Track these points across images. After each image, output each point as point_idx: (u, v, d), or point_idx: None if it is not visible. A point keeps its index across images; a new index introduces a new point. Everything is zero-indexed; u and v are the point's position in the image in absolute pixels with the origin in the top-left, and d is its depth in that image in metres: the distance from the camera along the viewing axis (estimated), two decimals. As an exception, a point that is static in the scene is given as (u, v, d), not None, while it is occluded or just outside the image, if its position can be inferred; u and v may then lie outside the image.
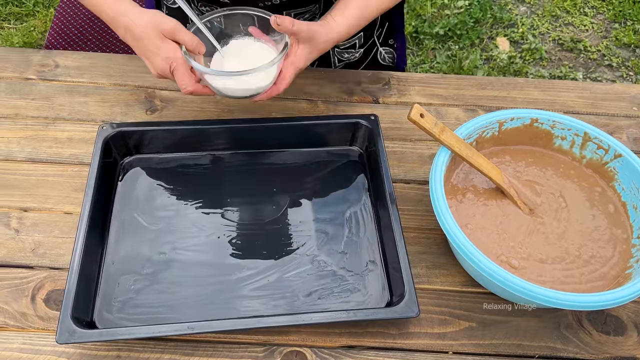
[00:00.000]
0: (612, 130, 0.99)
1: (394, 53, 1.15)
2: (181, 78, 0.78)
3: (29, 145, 0.92)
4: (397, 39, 1.13)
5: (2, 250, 0.80)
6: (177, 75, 0.78)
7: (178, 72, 0.78)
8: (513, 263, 0.76)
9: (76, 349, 0.72)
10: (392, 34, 1.12)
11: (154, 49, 0.78)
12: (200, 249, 0.81)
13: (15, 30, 2.18)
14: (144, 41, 0.78)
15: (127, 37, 0.80)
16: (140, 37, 0.78)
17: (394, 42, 1.14)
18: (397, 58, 1.14)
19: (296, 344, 0.74)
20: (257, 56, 0.83)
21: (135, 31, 0.78)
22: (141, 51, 0.80)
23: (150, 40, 0.78)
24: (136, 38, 0.79)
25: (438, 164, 0.78)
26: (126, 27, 0.79)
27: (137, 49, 0.80)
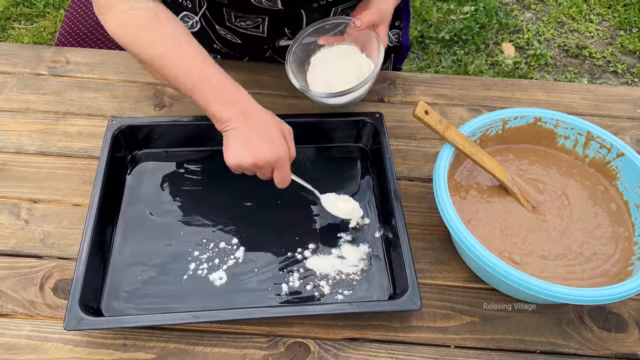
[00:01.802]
0: (615, 132, 1.00)
1: (399, 32, 1.16)
2: (288, 174, 0.79)
3: (39, 138, 0.94)
4: (402, 19, 1.14)
5: (12, 240, 0.82)
6: (282, 171, 0.78)
7: (286, 169, 0.78)
8: (515, 259, 0.77)
9: (83, 337, 0.73)
10: (398, 14, 1.13)
11: (268, 137, 0.76)
12: (208, 241, 0.82)
13: (26, 30, 2.21)
14: (259, 128, 0.76)
15: (235, 119, 0.76)
16: (257, 123, 0.76)
17: (400, 23, 1.15)
18: (402, 37, 1.15)
19: (300, 335, 0.74)
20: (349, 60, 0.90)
21: (254, 117, 0.77)
22: (248, 136, 0.76)
23: (267, 129, 0.76)
24: (251, 122, 0.76)
25: (442, 161, 0.79)
26: (244, 111, 0.77)
27: (243, 132, 0.76)
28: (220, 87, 0.77)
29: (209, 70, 0.78)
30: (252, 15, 0.93)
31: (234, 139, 0.76)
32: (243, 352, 0.73)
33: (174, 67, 0.77)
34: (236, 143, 0.76)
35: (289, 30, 0.97)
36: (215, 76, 0.77)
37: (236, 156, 0.76)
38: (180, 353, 0.72)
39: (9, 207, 0.85)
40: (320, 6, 0.92)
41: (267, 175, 0.79)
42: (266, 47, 1.03)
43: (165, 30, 0.79)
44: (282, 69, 1.06)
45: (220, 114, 0.76)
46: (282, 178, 0.78)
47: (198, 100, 0.78)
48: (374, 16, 0.84)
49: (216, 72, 0.78)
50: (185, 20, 1.01)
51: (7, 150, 0.92)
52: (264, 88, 1.03)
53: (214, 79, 0.77)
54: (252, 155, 0.75)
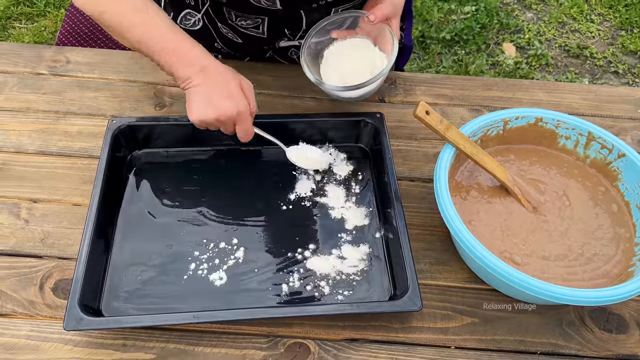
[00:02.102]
0: (616, 132, 1.00)
1: (402, 33, 1.16)
2: (250, 128, 0.83)
3: (39, 138, 0.94)
4: (405, 20, 1.14)
5: (11, 239, 0.82)
6: (244, 126, 0.82)
7: (247, 123, 0.82)
8: (516, 259, 0.77)
9: (83, 337, 0.73)
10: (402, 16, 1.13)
11: (228, 93, 0.79)
12: (208, 241, 0.82)
13: (26, 30, 2.21)
14: (219, 84, 0.79)
15: (195, 77, 0.79)
16: (216, 80, 0.80)
17: (402, 24, 1.15)
18: (404, 37, 1.15)
19: (300, 336, 0.74)
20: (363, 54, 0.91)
21: (213, 74, 0.80)
22: (209, 92, 0.79)
23: (226, 85, 0.80)
24: (211, 79, 0.80)
25: (443, 161, 0.79)
26: (204, 68, 0.80)
27: (204, 89, 0.80)
28: (180, 47, 0.80)
29: (170, 34, 0.81)
30: (252, 15, 0.93)
31: (196, 96, 0.80)
32: (243, 352, 0.73)
33: (138, 31, 0.80)
34: (198, 100, 0.79)
35: (289, 31, 0.97)
36: (176, 38, 0.81)
37: (198, 112, 0.79)
38: (180, 353, 0.72)
39: (9, 206, 0.85)
40: (319, 6, 0.91)
41: (230, 130, 0.82)
42: (266, 47, 1.03)
43: None
44: (282, 69, 1.06)
45: (180, 73, 0.80)
46: (245, 132, 0.82)
47: (160, 62, 0.81)
48: (387, 10, 0.85)
49: (177, 35, 0.81)
50: (187, 18, 1.01)
51: (7, 149, 0.92)
52: (264, 88, 1.03)
53: (174, 41, 0.80)
54: (214, 111, 0.79)
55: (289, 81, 1.03)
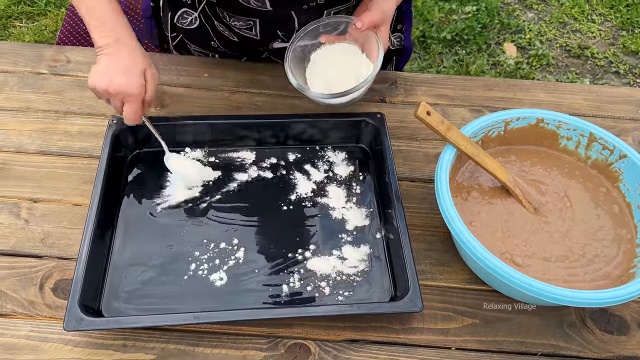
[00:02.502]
0: (617, 133, 1.00)
1: (402, 35, 1.15)
2: (137, 113, 0.83)
3: (39, 137, 0.94)
4: (404, 22, 1.13)
5: (11, 239, 0.82)
6: (132, 107, 0.82)
7: (135, 105, 0.82)
8: (517, 261, 0.76)
9: (83, 337, 0.73)
10: (400, 17, 1.13)
11: (128, 70, 0.81)
12: (208, 242, 0.82)
13: (27, 29, 2.21)
14: (124, 59, 0.81)
15: (108, 46, 0.82)
16: (125, 55, 0.82)
17: (402, 26, 1.14)
18: (404, 39, 1.15)
19: (300, 337, 0.74)
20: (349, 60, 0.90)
21: (125, 49, 0.82)
22: (113, 63, 0.81)
23: (131, 63, 0.82)
24: (120, 52, 0.81)
25: (444, 162, 0.78)
26: (119, 40, 0.82)
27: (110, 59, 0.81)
28: (105, 17, 0.82)
29: (107, 5, 0.83)
30: (243, 17, 0.93)
31: (99, 64, 0.82)
32: (243, 353, 0.72)
33: None
34: (98, 67, 0.81)
35: (282, 32, 0.97)
36: (104, 8, 0.83)
37: (93, 79, 0.81)
38: (180, 354, 0.72)
39: (9, 206, 0.85)
40: (310, 8, 0.91)
41: (118, 107, 0.83)
42: (261, 49, 1.03)
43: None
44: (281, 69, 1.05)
45: (97, 40, 0.82)
46: (131, 113, 0.82)
47: (87, 26, 0.83)
48: (375, 17, 0.84)
49: (113, 9, 0.83)
50: (184, 16, 1.01)
51: (8, 149, 0.92)
52: (264, 88, 1.03)
53: (101, 10, 0.83)
54: (106, 82, 0.80)
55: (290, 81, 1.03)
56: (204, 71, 1.05)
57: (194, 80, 1.03)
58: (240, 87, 1.03)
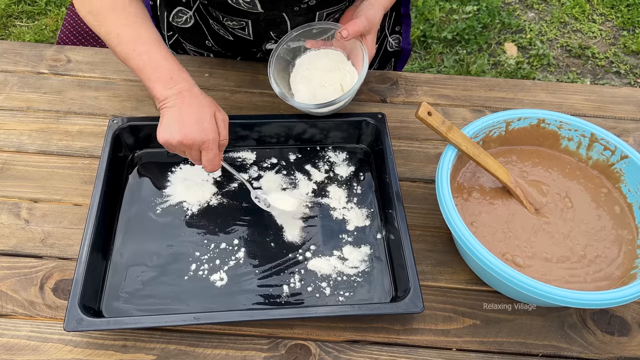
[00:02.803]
0: (619, 133, 0.99)
1: (400, 37, 1.15)
2: (216, 158, 0.80)
3: (40, 137, 0.93)
4: (402, 23, 1.13)
5: (12, 239, 0.81)
6: (209, 155, 0.79)
7: (214, 153, 0.79)
8: (518, 261, 0.76)
9: (83, 338, 0.73)
10: (399, 19, 1.13)
11: (199, 118, 0.77)
12: (208, 242, 0.82)
13: (27, 28, 2.21)
14: (192, 108, 0.78)
15: (172, 98, 0.78)
16: (192, 104, 0.78)
17: (400, 28, 1.14)
18: (402, 41, 1.15)
19: (301, 337, 0.74)
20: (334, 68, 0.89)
21: (190, 98, 0.78)
22: (182, 114, 0.77)
23: (200, 110, 0.78)
24: (186, 102, 0.78)
25: (445, 162, 0.78)
26: (182, 91, 0.78)
27: (177, 111, 0.78)
28: (163, 68, 0.79)
29: (157, 53, 0.80)
30: (236, 18, 0.93)
31: (168, 117, 0.78)
32: (244, 353, 0.72)
33: (127, 47, 0.80)
34: (169, 121, 0.78)
35: (274, 33, 0.97)
36: (161, 58, 0.80)
37: (165, 133, 0.78)
38: (180, 354, 0.72)
39: (9, 206, 0.85)
40: (301, 9, 0.91)
41: (195, 157, 0.80)
42: (255, 49, 1.03)
43: (124, 11, 0.80)
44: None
45: (159, 92, 0.79)
46: (209, 162, 0.79)
47: (144, 80, 0.80)
48: (361, 26, 0.83)
49: (163, 55, 0.80)
50: (179, 15, 1.01)
51: (8, 149, 0.92)
52: (264, 88, 1.03)
53: (158, 61, 0.79)
54: (180, 134, 0.77)
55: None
56: (205, 71, 1.05)
57: (195, 80, 1.02)
58: (241, 87, 1.03)
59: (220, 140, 0.80)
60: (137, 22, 0.80)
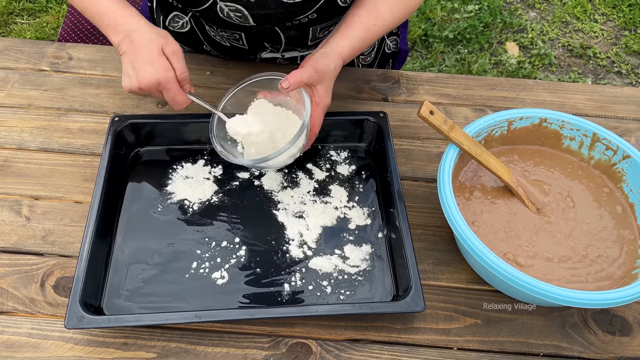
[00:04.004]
0: (621, 133, 0.99)
1: (398, 38, 1.15)
2: (178, 96, 0.78)
3: (41, 135, 0.93)
4: (400, 26, 1.13)
5: (13, 237, 0.81)
6: (169, 94, 0.78)
7: (173, 91, 0.78)
8: (519, 261, 0.76)
9: (84, 335, 0.73)
10: None
11: (148, 59, 0.77)
12: (209, 240, 0.81)
13: (28, 25, 2.20)
14: (140, 50, 0.77)
15: (122, 44, 0.79)
16: (139, 45, 0.77)
17: (398, 30, 1.14)
18: (400, 42, 1.15)
19: (301, 336, 0.74)
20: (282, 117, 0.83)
21: (137, 39, 0.78)
22: (132, 59, 0.78)
23: (147, 50, 0.77)
24: (134, 45, 0.77)
25: (446, 161, 0.78)
26: (129, 33, 0.78)
27: (129, 57, 0.78)
28: (112, 15, 0.79)
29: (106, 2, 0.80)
30: (228, 30, 0.92)
31: (124, 64, 0.78)
32: (244, 352, 0.72)
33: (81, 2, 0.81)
34: (126, 67, 0.78)
35: (269, 44, 0.97)
36: (110, 6, 0.80)
37: (125, 82, 0.78)
38: (181, 352, 0.72)
39: (10, 203, 0.85)
40: (294, 25, 0.90)
41: (162, 98, 0.80)
42: (252, 57, 1.03)
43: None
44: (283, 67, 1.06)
45: (113, 41, 0.79)
46: (172, 100, 0.78)
47: (100, 28, 0.81)
48: (305, 76, 0.78)
49: (113, 2, 0.80)
50: (175, 20, 1.01)
51: (9, 146, 0.92)
52: (267, 86, 1.02)
53: (105, 9, 0.80)
54: (136, 80, 0.76)
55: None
56: (207, 69, 1.05)
57: (197, 77, 1.03)
58: (243, 85, 1.03)
59: (178, 75, 0.78)
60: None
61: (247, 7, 0.85)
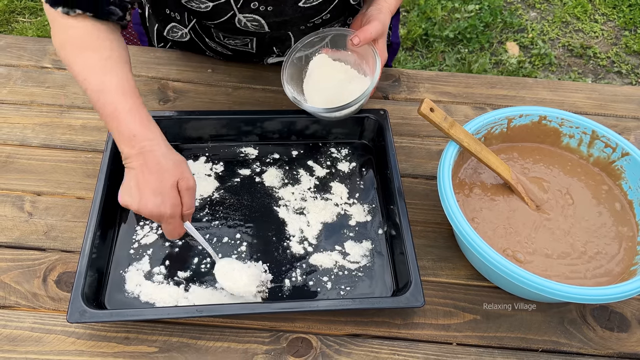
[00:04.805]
0: (620, 132, 1.00)
1: (390, 32, 1.16)
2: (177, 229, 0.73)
3: (43, 131, 0.94)
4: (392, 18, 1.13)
5: (15, 232, 0.82)
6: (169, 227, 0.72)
7: (172, 226, 0.72)
8: (519, 257, 0.77)
9: (85, 330, 0.73)
10: None
11: (158, 189, 0.70)
12: (211, 236, 0.82)
13: (30, 24, 2.21)
14: (152, 177, 0.70)
15: (133, 159, 0.71)
16: (153, 171, 0.70)
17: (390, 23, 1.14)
18: (391, 35, 1.15)
19: (302, 331, 0.74)
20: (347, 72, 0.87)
21: (152, 163, 0.70)
22: (140, 180, 0.70)
23: (159, 180, 0.70)
24: (148, 168, 0.70)
25: (446, 158, 0.79)
26: (144, 152, 0.70)
27: (137, 176, 0.71)
28: (126, 123, 0.71)
29: (122, 104, 0.72)
30: (240, 36, 0.93)
31: (128, 179, 0.72)
32: (245, 346, 0.73)
33: (93, 95, 0.73)
34: (128, 184, 0.72)
35: (278, 49, 0.97)
36: (125, 111, 0.72)
37: (124, 198, 0.72)
38: (182, 347, 0.72)
39: (12, 199, 0.85)
40: (307, 27, 0.91)
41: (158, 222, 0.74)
42: (256, 60, 1.04)
43: (95, 52, 0.74)
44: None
45: (122, 150, 0.72)
46: (169, 232, 0.73)
47: (110, 131, 0.74)
48: (374, 31, 0.81)
49: (129, 107, 0.72)
50: (174, 30, 1.01)
51: (12, 142, 0.92)
52: (267, 84, 1.03)
53: (122, 114, 0.71)
54: (137, 203, 0.70)
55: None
56: (208, 67, 1.05)
57: (198, 75, 1.04)
58: (244, 82, 1.03)
59: (184, 211, 0.72)
60: (105, 66, 0.73)
61: (264, 16, 0.86)
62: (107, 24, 0.76)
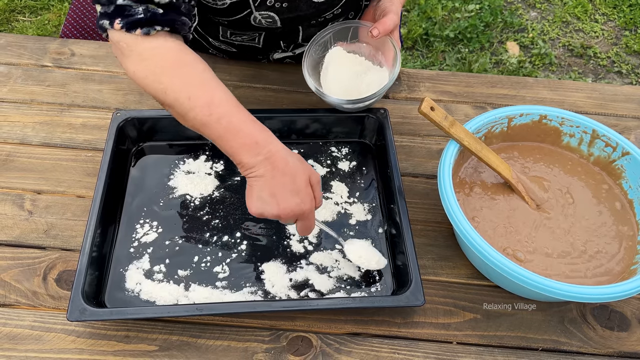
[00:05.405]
0: (620, 131, 1.00)
1: None
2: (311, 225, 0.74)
3: (43, 130, 0.94)
4: None
5: (15, 230, 0.82)
6: (306, 223, 0.73)
7: (309, 220, 0.73)
8: (519, 256, 0.77)
9: (86, 328, 0.73)
10: None
11: (294, 189, 0.70)
12: (211, 234, 0.82)
13: (30, 23, 2.21)
14: (285, 178, 0.70)
15: (260, 166, 0.70)
16: (284, 172, 0.70)
17: None
18: None
19: (302, 330, 0.74)
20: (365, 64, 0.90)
21: (280, 165, 0.70)
22: (272, 185, 0.70)
23: (293, 180, 0.70)
24: (277, 170, 0.70)
25: (447, 157, 0.79)
26: (270, 157, 0.70)
27: (268, 182, 0.70)
28: (245, 132, 0.70)
29: (235, 116, 0.71)
30: (249, 32, 0.93)
31: (259, 189, 0.70)
32: (245, 345, 0.73)
33: (201, 112, 0.70)
34: (260, 193, 0.70)
35: (285, 43, 0.97)
36: (240, 121, 0.71)
37: (259, 206, 0.71)
38: (182, 345, 0.72)
39: (12, 197, 0.85)
40: (318, 23, 0.92)
41: (290, 223, 0.74)
42: (260, 57, 1.04)
43: (193, 68, 0.73)
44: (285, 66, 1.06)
45: (246, 161, 0.70)
46: (306, 228, 0.73)
47: (223, 147, 0.72)
48: (392, 23, 0.84)
49: (243, 117, 0.71)
50: None
51: (12, 141, 0.92)
52: (268, 83, 1.03)
53: (238, 125, 0.71)
54: (277, 207, 0.70)
55: (294, 76, 1.03)
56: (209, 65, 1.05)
57: (198, 74, 1.04)
58: (244, 81, 1.03)
59: (317, 204, 0.74)
60: (207, 80, 0.72)
61: (279, 13, 0.86)
62: (180, 37, 0.75)
